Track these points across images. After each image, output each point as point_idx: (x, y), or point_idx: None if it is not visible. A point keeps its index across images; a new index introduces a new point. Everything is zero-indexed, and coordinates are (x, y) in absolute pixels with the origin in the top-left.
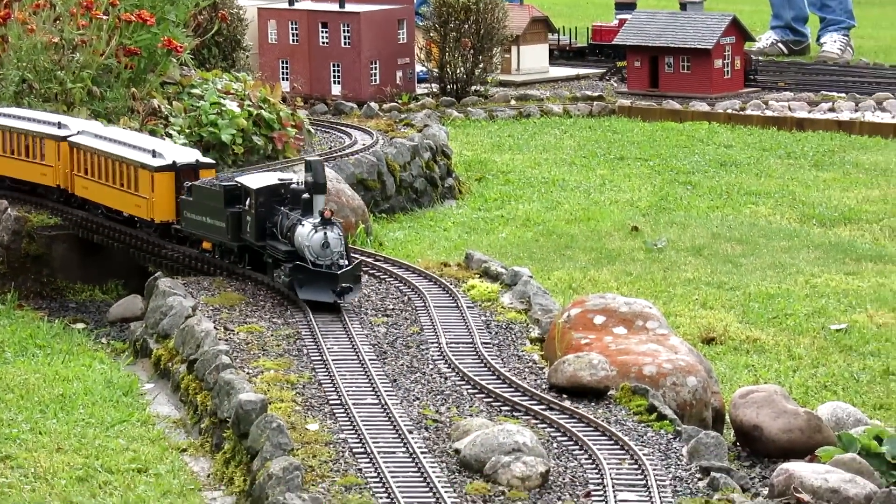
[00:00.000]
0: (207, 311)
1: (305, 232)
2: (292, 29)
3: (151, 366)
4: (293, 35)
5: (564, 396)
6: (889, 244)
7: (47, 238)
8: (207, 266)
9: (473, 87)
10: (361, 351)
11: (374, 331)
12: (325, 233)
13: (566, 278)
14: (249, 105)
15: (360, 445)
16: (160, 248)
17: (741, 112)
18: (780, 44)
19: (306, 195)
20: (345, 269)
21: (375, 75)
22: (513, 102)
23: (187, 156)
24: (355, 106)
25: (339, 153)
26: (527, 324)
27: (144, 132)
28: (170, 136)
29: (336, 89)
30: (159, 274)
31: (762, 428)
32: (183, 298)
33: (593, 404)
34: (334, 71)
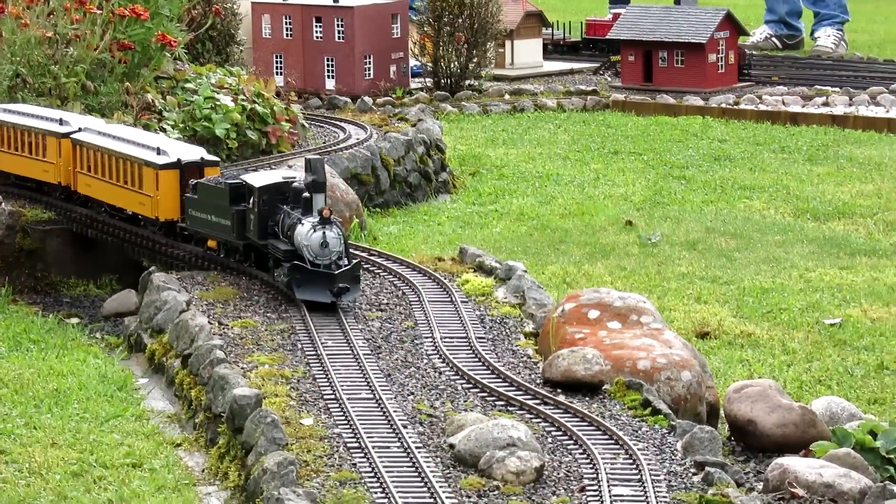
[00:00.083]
0: (202, 306)
1: (304, 231)
2: (286, 23)
3: (146, 360)
4: (287, 29)
5: (559, 391)
6: (883, 238)
7: (41, 233)
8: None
9: (467, 82)
10: (356, 345)
11: (369, 325)
12: (324, 232)
13: (560, 273)
14: (243, 99)
15: (355, 440)
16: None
17: (735, 106)
18: (774, 38)
19: (306, 194)
20: (342, 270)
21: (369, 70)
22: (507, 97)
23: (192, 153)
24: (349, 100)
25: (334, 148)
26: (521, 318)
27: (138, 127)
28: (164, 131)
29: (330, 84)
30: (153, 269)
31: (756, 422)
32: (177, 293)
33: (587, 399)
34: (328, 65)
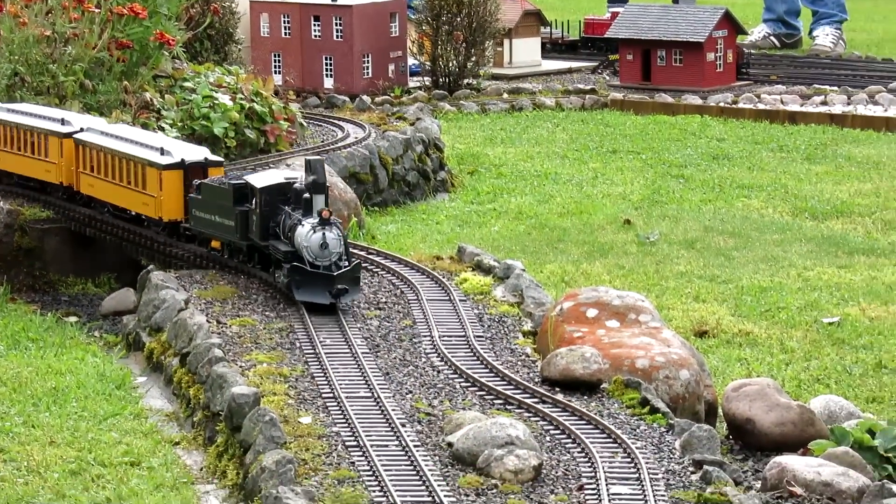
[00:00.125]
0: (200, 305)
1: (304, 232)
2: (284, 22)
3: (144, 359)
4: (285, 28)
5: (557, 390)
6: (881, 237)
7: (39, 231)
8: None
9: (466, 81)
10: (354, 344)
11: (367, 324)
12: (324, 233)
13: (559, 271)
14: (242, 98)
15: (353, 439)
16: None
17: (733, 105)
18: (773, 37)
19: (307, 195)
20: (342, 271)
21: (368, 68)
22: (505, 96)
23: (196, 153)
24: (347, 99)
25: (332, 146)
26: (519, 317)
27: (136, 125)
28: (162, 130)
29: (328, 82)
30: (152, 267)
31: (755, 421)
32: (175, 292)
33: (586, 397)
34: (326, 64)
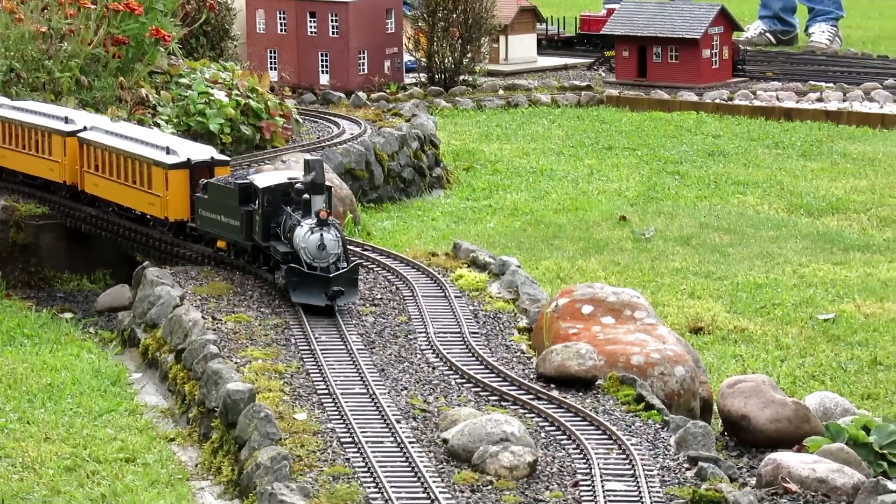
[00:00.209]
0: (195, 301)
1: (302, 233)
2: (280, 18)
3: (139, 355)
4: (281, 25)
5: (552, 386)
6: (877, 234)
7: (35, 227)
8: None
9: (461, 77)
10: (349, 340)
11: (362, 320)
12: (322, 234)
13: (554, 268)
14: (237, 95)
15: (348, 435)
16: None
17: (729, 102)
18: (769, 34)
19: (306, 195)
20: (339, 272)
21: (363, 65)
22: (501, 92)
23: (202, 153)
24: (343, 95)
25: (328, 143)
26: (515, 313)
27: (132, 121)
28: (158, 126)
29: (324, 79)
30: (147, 263)
31: (750, 418)
32: (171, 288)
33: (581, 394)
34: (322, 60)
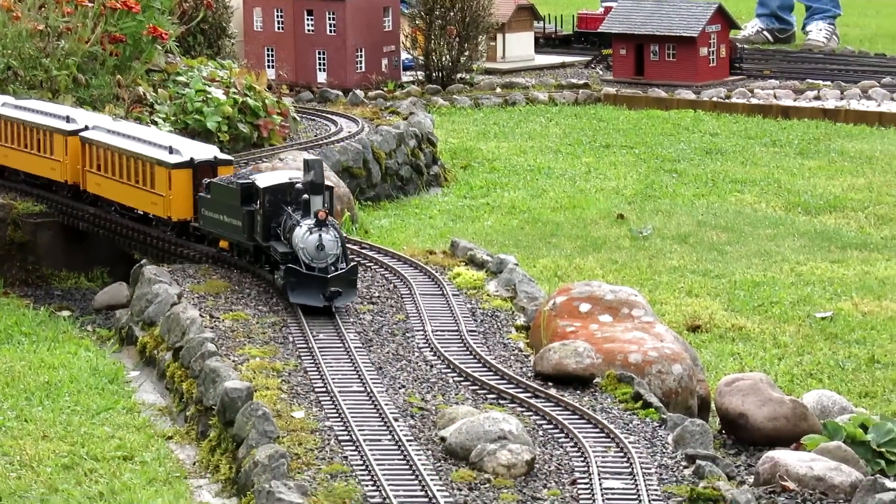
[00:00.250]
0: (193, 299)
1: (301, 234)
2: (278, 16)
3: (137, 353)
4: (278, 23)
5: (550, 384)
6: (874, 232)
7: (32, 225)
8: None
9: (459, 75)
10: (347, 338)
11: (360, 318)
12: (320, 235)
13: (552, 266)
14: (235, 92)
15: (346, 433)
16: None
17: (726, 100)
18: (766, 32)
19: (305, 195)
20: (336, 273)
21: (361, 63)
22: (498, 90)
23: (205, 152)
24: (341, 93)
25: (325, 141)
26: (512, 311)
27: (130, 119)
28: (155, 124)
29: (321, 77)
30: (145, 261)
31: (748, 416)
32: (168, 286)
33: (579, 392)
34: (320, 58)
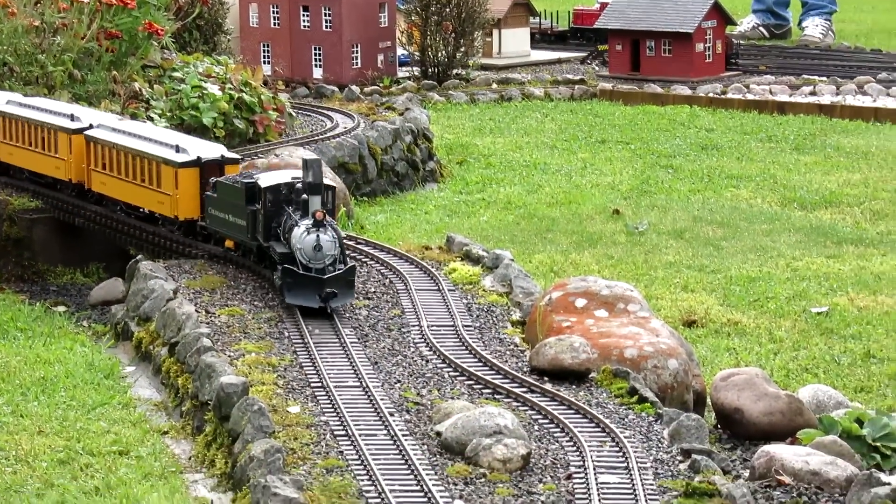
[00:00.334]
0: (188, 295)
1: (298, 234)
2: (273, 12)
3: (133, 349)
4: (274, 18)
5: (546, 379)
6: (870, 227)
7: (28, 221)
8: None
9: (455, 71)
10: (343, 333)
11: (356, 314)
12: (318, 235)
13: (547, 261)
14: (231, 88)
15: (342, 428)
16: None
17: (722, 96)
18: (762, 28)
19: (304, 195)
20: (333, 274)
21: (357, 59)
22: (494, 86)
23: (212, 151)
24: (336, 89)
25: (321, 136)
26: (508, 307)
27: (126, 115)
28: (151, 120)
29: (317, 73)
30: (140, 257)
31: (743, 411)
32: (164, 282)
33: (574, 387)
34: (315, 54)
